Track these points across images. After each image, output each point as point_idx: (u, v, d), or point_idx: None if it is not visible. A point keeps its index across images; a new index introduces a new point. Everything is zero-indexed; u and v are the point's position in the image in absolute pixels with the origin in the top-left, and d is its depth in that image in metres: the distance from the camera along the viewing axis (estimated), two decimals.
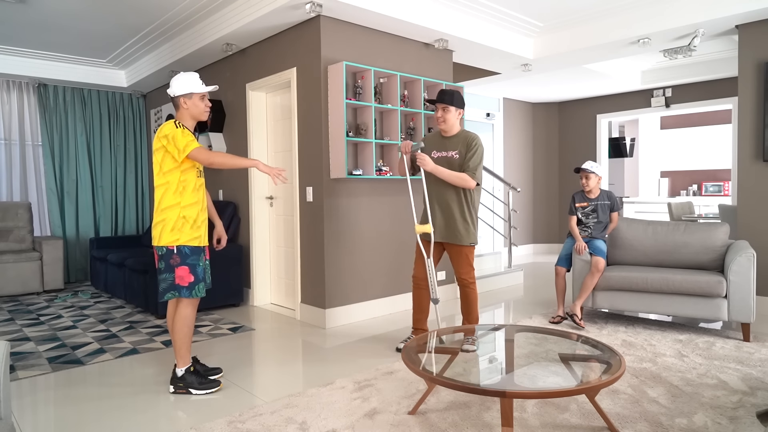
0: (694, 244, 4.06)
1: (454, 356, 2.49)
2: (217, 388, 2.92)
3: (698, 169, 9.30)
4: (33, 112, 6.55)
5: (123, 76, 6.82)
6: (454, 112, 3.34)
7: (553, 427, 2.36)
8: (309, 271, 4.41)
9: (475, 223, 3.39)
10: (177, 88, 2.83)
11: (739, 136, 4.61)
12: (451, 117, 3.34)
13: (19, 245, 6.00)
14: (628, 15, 4.86)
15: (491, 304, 5.04)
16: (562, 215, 8.77)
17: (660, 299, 3.89)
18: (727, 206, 5.80)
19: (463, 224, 3.34)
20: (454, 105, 3.32)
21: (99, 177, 6.96)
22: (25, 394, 2.90)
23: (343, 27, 4.31)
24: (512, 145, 8.43)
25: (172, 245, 2.78)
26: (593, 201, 4.34)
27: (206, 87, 2.90)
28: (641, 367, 3.15)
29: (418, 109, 4.67)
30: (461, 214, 3.35)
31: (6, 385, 1.77)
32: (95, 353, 3.63)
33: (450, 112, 3.34)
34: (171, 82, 2.85)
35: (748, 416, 2.45)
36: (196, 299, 2.89)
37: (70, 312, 4.93)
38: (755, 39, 4.50)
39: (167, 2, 4.53)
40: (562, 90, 7.75)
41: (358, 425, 2.42)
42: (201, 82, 2.88)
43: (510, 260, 6.27)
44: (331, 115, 4.21)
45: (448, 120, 3.35)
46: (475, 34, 4.93)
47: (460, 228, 3.34)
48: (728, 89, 6.90)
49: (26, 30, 5.17)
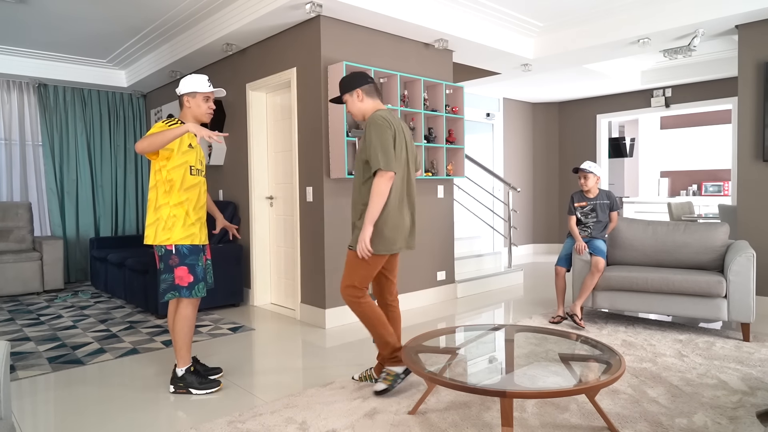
0: (694, 244, 4.06)
1: (454, 356, 2.50)
2: (217, 388, 2.92)
3: (698, 169, 9.30)
4: (33, 112, 6.55)
5: (123, 76, 6.82)
6: (350, 97, 2.86)
7: (553, 427, 2.36)
8: (309, 271, 4.41)
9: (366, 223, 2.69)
10: (182, 86, 2.85)
11: (739, 136, 4.62)
12: (351, 104, 2.87)
13: (19, 245, 6.00)
14: (628, 15, 4.87)
15: (491, 304, 5.04)
16: (562, 215, 8.77)
17: (660, 299, 3.90)
18: (727, 206, 5.80)
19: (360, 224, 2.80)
20: (346, 92, 2.87)
21: (99, 177, 6.96)
22: (25, 394, 2.90)
23: (343, 27, 4.31)
24: (512, 145, 8.43)
25: (165, 244, 2.78)
26: (592, 201, 4.34)
27: (211, 88, 2.90)
28: (641, 367, 3.15)
29: (418, 109, 4.67)
30: (363, 215, 2.79)
31: (6, 385, 1.77)
32: (95, 353, 3.63)
33: (348, 101, 2.88)
34: (180, 81, 2.87)
35: (748, 416, 2.45)
36: (197, 299, 2.89)
37: (70, 312, 4.93)
38: (755, 39, 4.50)
39: (167, 2, 4.53)
40: (562, 90, 7.75)
41: (358, 425, 2.42)
42: (208, 84, 2.88)
43: (510, 260, 6.27)
44: (331, 115, 4.21)
45: (350, 109, 2.90)
46: (475, 34, 4.93)
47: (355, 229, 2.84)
48: (728, 89, 6.90)
49: (26, 30, 5.17)
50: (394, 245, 2.74)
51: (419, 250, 4.96)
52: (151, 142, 2.59)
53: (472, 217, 7.73)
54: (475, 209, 7.70)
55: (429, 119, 5.00)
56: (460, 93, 5.09)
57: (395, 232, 2.74)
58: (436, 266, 5.13)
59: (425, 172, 4.90)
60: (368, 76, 2.85)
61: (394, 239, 2.74)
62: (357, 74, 2.83)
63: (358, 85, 2.80)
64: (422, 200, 4.97)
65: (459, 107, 5.09)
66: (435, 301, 5.10)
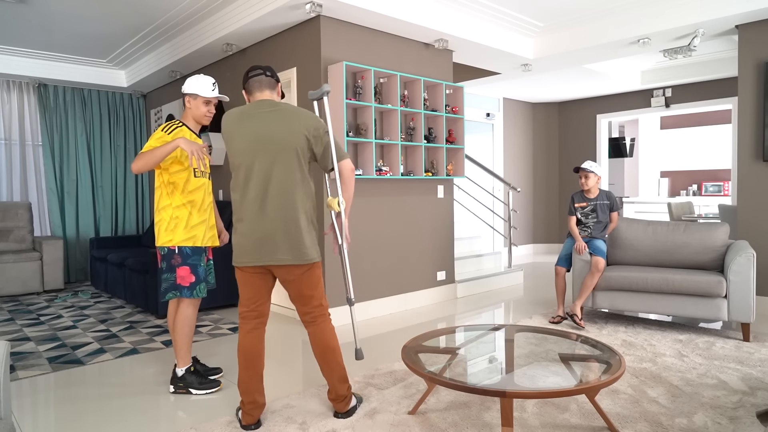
0: (694, 244, 4.06)
1: (454, 356, 2.50)
2: (217, 388, 2.92)
3: (698, 169, 9.31)
4: (33, 112, 6.55)
5: (123, 76, 6.82)
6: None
7: (553, 427, 2.36)
8: None
9: None
10: (187, 85, 2.85)
11: (739, 136, 4.62)
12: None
13: (19, 245, 6.00)
14: (628, 15, 4.87)
15: (491, 304, 5.04)
16: (562, 215, 8.77)
17: (660, 299, 3.90)
18: (727, 206, 5.80)
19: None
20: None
21: (99, 177, 6.97)
22: (25, 394, 2.90)
23: (343, 27, 4.31)
24: (512, 145, 8.43)
25: (167, 245, 2.79)
26: (592, 201, 4.34)
27: (213, 93, 2.89)
28: (641, 367, 3.15)
29: (418, 109, 4.67)
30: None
31: (6, 385, 1.77)
32: (95, 353, 3.63)
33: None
34: (186, 79, 2.88)
35: (748, 416, 2.45)
36: (198, 299, 2.89)
37: (70, 312, 4.93)
38: (755, 39, 4.50)
39: (167, 2, 4.53)
40: (562, 90, 7.75)
41: (358, 425, 2.42)
42: (212, 88, 2.87)
43: (510, 260, 6.27)
44: (331, 116, 4.21)
45: None
46: (475, 34, 4.93)
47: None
48: (728, 89, 6.90)
49: (26, 30, 5.17)
50: (240, 257, 2.39)
51: (419, 250, 4.96)
52: (146, 162, 2.59)
53: (472, 217, 7.73)
54: (475, 209, 7.70)
55: (429, 119, 5.00)
56: (460, 93, 5.09)
57: (244, 240, 2.37)
58: (436, 266, 5.13)
59: (425, 172, 4.89)
60: (249, 71, 2.48)
61: (241, 250, 2.38)
62: (245, 74, 2.50)
63: (244, 87, 2.51)
64: (422, 200, 4.97)
65: (459, 107, 5.09)
66: (435, 301, 5.10)
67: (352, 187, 2.49)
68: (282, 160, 2.33)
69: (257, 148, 2.33)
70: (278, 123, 2.34)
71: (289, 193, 2.33)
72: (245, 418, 2.41)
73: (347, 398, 2.50)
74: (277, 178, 2.32)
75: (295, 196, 2.34)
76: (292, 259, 2.34)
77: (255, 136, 2.34)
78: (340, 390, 2.47)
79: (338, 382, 2.46)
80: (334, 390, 2.47)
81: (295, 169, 2.34)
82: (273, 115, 2.36)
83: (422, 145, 4.73)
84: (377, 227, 4.57)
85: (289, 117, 2.36)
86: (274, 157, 2.32)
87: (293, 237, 2.33)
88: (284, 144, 2.32)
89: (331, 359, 2.45)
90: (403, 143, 4.58)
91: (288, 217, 2.33)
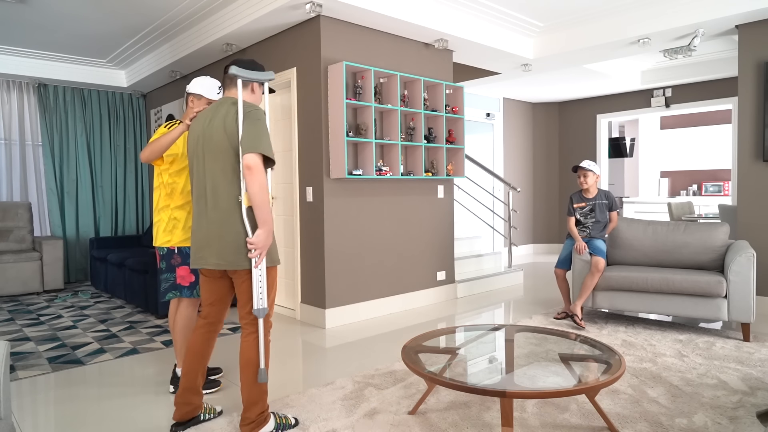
0: (694, 244, 4.06)
1: (454, 356, 2.50)
2: (217, 388, 2.92)
3: (698, 169, 9.30)
4: (33, 112, 6.54)
5: (123, 76, 6.82)
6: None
7: (553, 427, 2.36)
8: (309, 271, 4.41)
9: None
10: (193, 84, 2.84)
11: (739, 136, 4.61)
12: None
13: (19, 245, 6.00)
14: (628, 15, 4.87)
15: (491, 304, 5.04)
16: (561, 215, 8.77)
17: (660, 299, 3.90)
18: (727, 206, 5.80)
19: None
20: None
21: (99, 177, 6.97)
22: (25, 394, 2.90)
23: (343, 27, 4.31)
24: (512, 145, 8.43)
25: (166, 246, 2.80)
26: (591, 201, 4.34)
27: (218, 96, 2.87)
28: (641, 367, 3.15)
29: (418, 109, 4.67)
30: None
31: (6, 385, 1.77)
32: (95, 353, 3.63)
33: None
34: (193, 79, 2.88)
35: (748, 416, 2.45)
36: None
37: (70, 312, 4.93)
38: (755, 39, 4.50)
39: (167, 2, 4.53)
40: (562, 90, 7.75)
41: (358, 425, 2.42)
42: (218, 91, 2.87)
43: (510, 260, 6.27)
44: (331, 115, 4.21)
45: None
46: (475, 34, 4.93)
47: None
48: (728, 89, 6.90)
49: (26, 30, 5.17)
50: (191, 258, 2.35)
51: (419, 250, 4.96)
52: (153, 149, 2.66)
53: (472, 217, 7.72)
54: (475, 209, 7.70)
55: (429, 119, 5.00)
56: (460, 93, 5.09)
57: (192, 241, 2.34)
58: (436, 266, 5.13)
59: (425, 172, 4.89)
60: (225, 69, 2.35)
61: (193, 249, 2.33)
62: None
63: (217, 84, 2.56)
64: (422, 200, 4.97)
65: (459, 107, 5.09)
66: (435, 301, 5.10)
67: (253, 186, 2.12)
68: (213, 160, 2.24)
69: (196, 150, 2.31)
70: (213, 122, 2.26)
71: (221, 193, 2.23)
72: (175, 414, 2.38)
73: (254, 423, 2.26)
74: (211, 179, 2.25)
75: (228, 195, 2.22)
76: (227, 264, 2.22)
77: (195, 136, 2.33)
78: (248, 412, 2.26)
79: (247, 401, 2.26)
80: (244, 410, 2.28)
81: (228, 169, 2.22)
82: (213, 112, 2.29)
83: (422, 145, 4.73)
84: (377, 227, 4.57)
85: (219, 113, 2.26)
86: (207, 158, 2.26)
87: (225, 240, 2.21)
88: (213, 143, 2.24)
89: (244, 374, 2.26)
90: (403, 143, 4.58)
91: (221, 219, 2.22)
